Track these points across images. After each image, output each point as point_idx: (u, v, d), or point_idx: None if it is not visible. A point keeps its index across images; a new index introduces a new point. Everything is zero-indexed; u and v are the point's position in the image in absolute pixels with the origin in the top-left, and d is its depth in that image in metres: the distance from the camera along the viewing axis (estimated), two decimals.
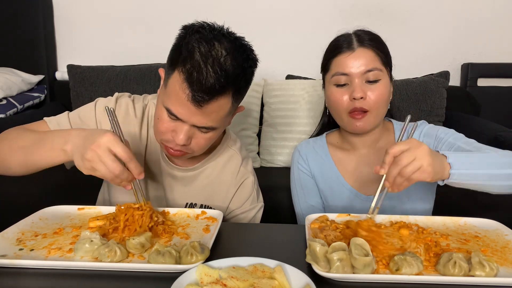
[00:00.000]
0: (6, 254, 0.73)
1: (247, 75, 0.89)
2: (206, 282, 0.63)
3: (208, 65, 0.81)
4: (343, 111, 1.07)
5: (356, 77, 1.03)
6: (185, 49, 0.83)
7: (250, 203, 1.10)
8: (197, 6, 2.37)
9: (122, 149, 0.77)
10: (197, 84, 0.81)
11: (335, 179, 1.17)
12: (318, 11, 2.35)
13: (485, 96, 2.30)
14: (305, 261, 0.69)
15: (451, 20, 2.33)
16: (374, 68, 1.04)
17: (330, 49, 1.12)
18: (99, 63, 2.28)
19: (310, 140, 1.27)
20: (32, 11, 2.32)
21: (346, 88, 1.05)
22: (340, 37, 1.11)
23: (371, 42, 1.06)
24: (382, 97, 1.05)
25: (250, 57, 0.89)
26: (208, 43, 0.83)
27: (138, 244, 0.73)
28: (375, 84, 1.04)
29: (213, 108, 0.85)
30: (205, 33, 0.85)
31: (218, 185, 1.09)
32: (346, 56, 1.05)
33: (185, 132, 0.88)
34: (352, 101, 1.03)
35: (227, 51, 0.84)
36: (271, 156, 2.03)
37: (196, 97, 0.82)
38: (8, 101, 2.07)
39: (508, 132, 1.70)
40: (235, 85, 0.86)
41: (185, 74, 0.82)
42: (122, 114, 1.04)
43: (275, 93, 2.06)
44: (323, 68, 1.14)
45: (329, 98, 1.11)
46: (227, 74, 0.83)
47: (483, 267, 0.66)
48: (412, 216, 0.91)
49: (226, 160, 1.10)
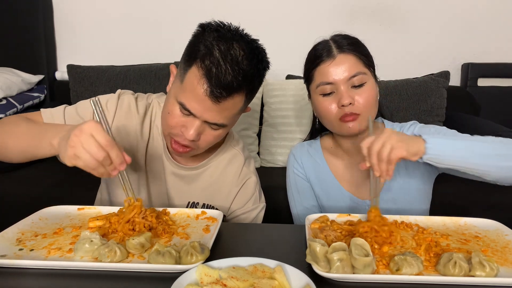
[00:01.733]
0: (6, 254, 0.73)
1: (261, 76, 0.93)
2: (206, 282, 0.63)
3: (227, 63, 0.84)
4: (333, 119, 1.06)
5: (341, 84, 1.02)
6: (203, 46, 0.86)
7: (252, 203, 1.10)
8: (197, 6, 2.37)
9: (104, 137, 0.75)
10: (216, 80, 0.84)
11: (330, 183, 1.17)
12: (318, 11, 2.35)
13: (485, 96, 2.30)
14: (305, 261, 0.69)
15: (451, 20, 2.33)
16: (358, 73, 1.03)
17: (310, 59, 1.11)
18: (99, 63, 2.28)
19: (305, 143, 1.27)
20: (32, 11, 2.32)
21: (333, 96, 1.05)
22: (318, 45, 1.10)
23: (350, 47, 1.05)
24: (371, 100, 1.04)
25: (264, 59, 0.92)
26: (227, 42, 0.86)
27: (138, 244, 0.73)
28: (362, 88, 1.03)
29: (228, 105, 0.88)
30: (223, 32, 0.88)
31: (220, 184, 1.09)
32: (328, 64, 1.04)
33: (196, 127, 0.90)
34: (341, 108, 1.03)
35: (244, 52, 0.86)
36: (271, 156, 2.03)
37: (214, 92, 0.84)
38: (8, 101, 2.07)
39: (508, 132, 1.69)
40: (250, 85, 0.89)
41: (204, 70, 0.84)
42: (125, 109, 1.04)
43: (275, 93, 2.06)
44: (307, 79, 1.13)
45: (317, 108, 1.10)
46: (244, 73, 0.86)
47: (483, 267, 0.66)
48: (412, 216, 0.91)
49: (229, 159, 1.11)
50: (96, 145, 0.74)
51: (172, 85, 0.96)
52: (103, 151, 0.75)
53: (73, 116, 1.00)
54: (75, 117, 1.00)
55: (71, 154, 0.75)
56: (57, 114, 1.00)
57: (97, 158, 0.75)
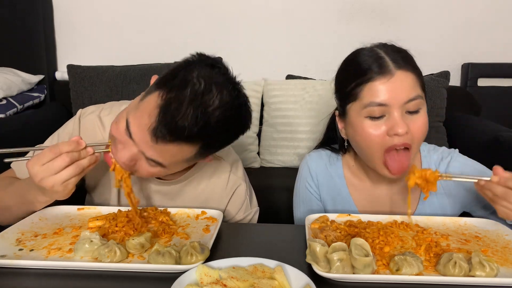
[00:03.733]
0: (6, 254, 0.72)
1: (230, 138, 0.84)
2: (206, 283, 0.63)
3: (192, 106, 0.72)
4: (378, 149, 0.89)
5: (396, 108, 0.86)
6: (181, 76, 0.75)
7: (244, 212, 1.05)
8: (197, 6, 2.37)
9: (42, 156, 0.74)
10: (170, 119, 0.72)
11: (347, 205, 1.05)
12: (318, 10, 2.35)
13: (485, 96, 2.30)
14: (305, 261, 0.69)
15: (452, 20, 2.33)
16: (417, 96, 0.87)
17: (354, 72, 0.91)
18: (99, 63, 2.28)
19: (323, 154, 1.10)
20: (32, 11, 2.32)
21: (383, 121, 0.87)
22: (362, 56, 0.91)
23: (407, 63, 0.89)
24: (424, 129, 0.89)
25: (244, 123, 0.83)
26: (206, 86, 0.74)
27: (138, 244, 0.73)
28: (417, 115, 0.88)
29: (171, 150, 0.77)
30: (210, 71, 0.77)
31: (208, 197, 1.02)
32: (383, 82, 0.86)
33: (130, 154, 0.79)
34: (392, 137, 0.86)
35: (221, 105, 0.75)
36: (271, 156, 2.03)
37: (157, 131, 0.73)
38: (8, 101, 2.06)
39: (508, 132, 1.69)
40: (206, 140, 0.78)
41: (164, 101, 0.73)
42: (89, 132, 0.98)
43: (275, 93, 2.06)
44: (347, 96, 0.92)
45: (358, 133, 0.91)
46: (204, 126, 0.74)
47: (483, 267, 0.66)
48: (412, 216, 0.91)
49: (214, 169, 1.02)
50: (48, 164, 0.74)
51: (137, 97, 0.84)
52: (65, 158, 0.74)
53: None
54: None
55: (49, 185, 0.74)
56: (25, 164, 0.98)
57: (57, 166, 0.74)
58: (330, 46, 2.35)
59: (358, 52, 0.94)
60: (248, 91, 0.90)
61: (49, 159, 0.74)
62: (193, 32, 2.38)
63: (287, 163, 2.01)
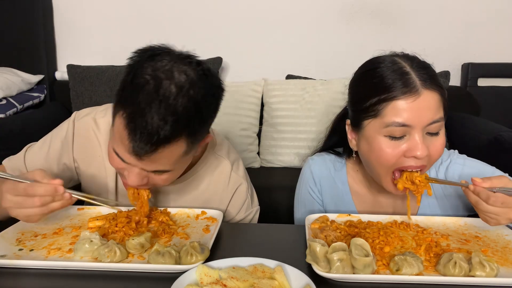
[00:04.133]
0: (5, 254, 0.73)
1: (207, 113, 0.78)
2: (206, 283, 0.63)
3: (153, 108, 0.69)
4: (390, 167, 0.86)
5: (418, 130, 0.81)
6: (130, 86, 0.72)
7: (245, 211, 1.04)
8: (197, 6, 2.37)
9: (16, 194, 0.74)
10: (139, 133, 0.70)
11: (349, 210, 1.04)
12: (318, 10, 2.35)
13: (485, 96, 2.30)
14: (305, 261, 0.69)
15: (451, 20, 2.33)
16: (440, 119, 0.82)
17: (377, 86, 0.84)
18: (99, 63, 2.28)
19: (327, 159, 1.07)
20: (32, 11, 2.32)
21: (402, 141, 0.83)
22: (388, 69, 0.84)
23: (434, 82, 0.82)
24: (442, 151, 0.85)
25: (211, 92, 0.78)
26: (156, 79, 0.71)
27: (138, 244, 0.73)
28: (436, 137, 0.84)
29: (159, 156, 0.74)
30: (153, 64, 0.73)
31: (209, 196, 1.01)
32: (409, 102, 0.80)
33: (136, 174, 0.79)
34: (408, 158, 0.83)
35: (179, 88, 0.71)
36: (271, 156, 2.03)
37: (135, 149, 0.72)
38: (8, 101, 2.06)
39: (508, 132, 1.69)
40: (189, 128, 0.74)
41: (127, 119, 0.71)
42: (83, 135, 0.97)
43: (275, 93, 2.06)
44: (365, 110, 0.86)
45: (374, 150, 0.86)
46: (176, 119, 0.70)
47: (484, 267, 0.66)
48: (412, 216, 0.91)
49: (214, 168, 1.01)
50: (18, 198, 0.74)
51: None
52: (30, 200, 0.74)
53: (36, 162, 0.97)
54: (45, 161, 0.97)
55: (13, 215, 0.76)
56: (18, 161, 0.98)
57: (26, 204, 0.74)
58: (330, 46, 2.35)
59: (378, 62, 0.87)
60: (248, 91, 0.89)
61: (22, 194, 0.74)
62: (193, 32, 2.38)
63: (287, 163, 2.00)
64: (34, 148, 1.00)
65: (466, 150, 1.06)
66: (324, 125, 1.17)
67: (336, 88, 2.00)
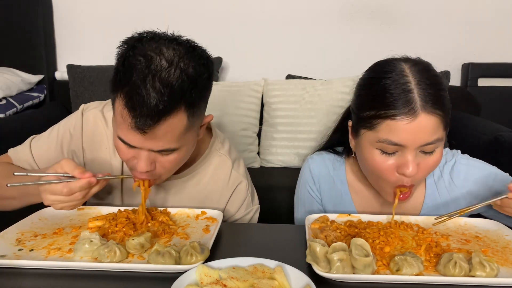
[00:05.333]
0: (5, 254, 0.72)
1: (201, 82, 0.80)
2: (206, 283, 0.63)
3: (148, 83, 0.73)
4: (385, 183, 0.88)
5: (411, 150, 0.81)
6: (122, 69, 0.77)
7: (245, 209, 1.05)
8: (197, 6, 2.37)
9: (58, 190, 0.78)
10: (139, 108, 0.73)
11: (348, 210, 1.04)
12: (318, 11, 2.35)
13: (486, 96, 2.30)
14: (305, 261, 0.69)
15: (452, 20, 2.33)
16: (435, 141, 0.81)
17: (377, 99, 0.83)
18: (98, 63, 2.28)
19: (326, 158, 1.08)
20: (32, 11, 2.32)
21: (394, 157, 0.84)
22: (393, 82, 0.82)
23: (436, 104, 0.80)
24: (434, 167, 0.86)
25: (201, 62, 0.80)
26: (146, 57, 0.75)
27: (137, 245, 0.73)
28: (430, 155, 0.84)
29: (163, 130, 0.77)
30: (141, 46, 0.77)
31: (209, 193, 1.02)
32: (404, 123, 0.79)
33: (145, 158, 0.81)
34: (401, 175, 0.84)
35: (170, 62, 0.75)
36: (271, 156, 2.03)
37: (137, 123, 0.74)
38: (8, 101, 2.07)
39: (508, 132, 1.69)
40: (186, 99, 0.77)
41: (125, 99, 0.75)
42: (91, 127, 0.99)
43: (275, 93, 2.06)
44: (362, 120, 0.87)
45: (367, 160, 0.88)
46: (172, 90, 0.74)
47: (484, 267, 0.66)
48: (412, 216, 0.91)
49: (215, 165, 1.02)
50: (61, 199, 0.79)
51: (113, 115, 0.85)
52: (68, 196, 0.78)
53: (38, 152, 1.00)
54: (40, 153, 1.00)
55: (57, 208, 0.81)
56: (24, 152, 1.00)
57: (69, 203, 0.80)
58: (330, 46, 2.35)
59: (386, 71, 0.84)
60: (248, 91, 0.90)
61: (61, 194, 0.78)
62: (193, 32, 2.35)
63: (287, 163, 2.00)
64: (41, 138, 1.02)
65: (466, 150, 1.06)
66: (324, 125, 1.17)
67: (336, 88, 2.00)
